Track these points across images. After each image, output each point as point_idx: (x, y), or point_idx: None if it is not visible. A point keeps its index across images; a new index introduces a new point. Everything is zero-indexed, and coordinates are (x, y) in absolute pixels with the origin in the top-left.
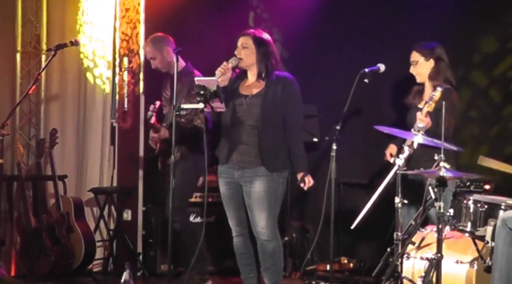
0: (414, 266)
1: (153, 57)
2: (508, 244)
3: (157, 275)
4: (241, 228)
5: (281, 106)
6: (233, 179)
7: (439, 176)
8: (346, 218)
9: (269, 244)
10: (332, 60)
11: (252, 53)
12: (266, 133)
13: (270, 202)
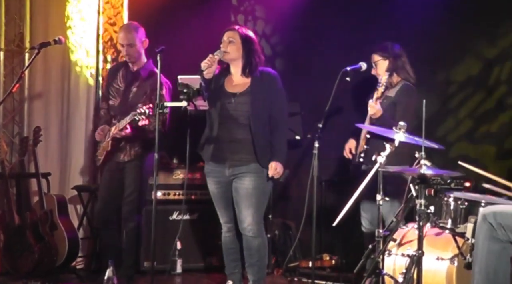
0: (395, 263)
1: (132, 44)
2: (489, 239)
3: (140, 272)
4: (232, 225)
5: (268, 102)
6: (223, 178)
7: (420, 173)
8: (328, 216)
9: (255, 240)
10: (314, 58)
11: (238, 48)
12: (257, 130)
13: (258, 199)
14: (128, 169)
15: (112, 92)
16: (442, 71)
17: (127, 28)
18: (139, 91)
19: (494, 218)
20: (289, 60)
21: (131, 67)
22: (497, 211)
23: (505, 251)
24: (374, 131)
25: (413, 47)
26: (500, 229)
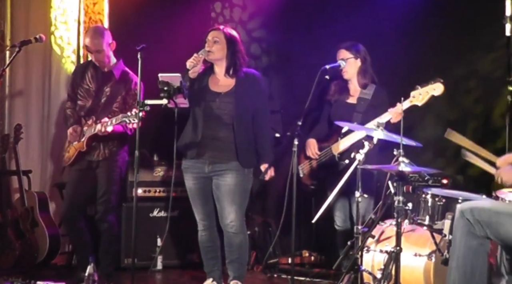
0: (373, 259)
1: (100, 50)
2: (466, 235)
3: (121, 268)
4: (208, 222)
5: (252, 103)
6: (202, 174)
7: (398, 170)
8: (307, 212)
9: (237, 237)
10: (295, 56)
11: (223, 48)
12: (240, 129)
13: (240, 196)
14: (102, 168)
15: (82, 92)
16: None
17: (93, 34)
18: (113, 92)
19: (472, 214)
20: (269, 58)
21: (101, 68)
22: (474, 207)
23: (482, 247)
24: (354, 128)
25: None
26: (477, 225)
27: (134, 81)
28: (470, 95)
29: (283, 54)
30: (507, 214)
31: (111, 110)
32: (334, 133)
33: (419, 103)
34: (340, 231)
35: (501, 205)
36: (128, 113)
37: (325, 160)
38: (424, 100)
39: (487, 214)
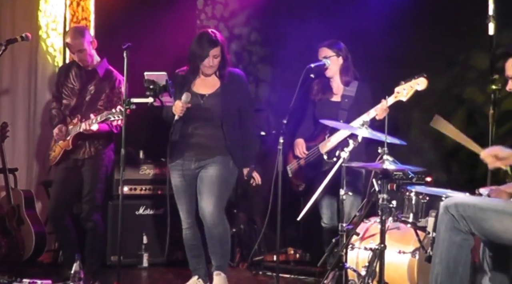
0: (358, 256)
1: (82, 49)
2: (450, 230)
3: (107, 266)
4: (191, 220)
5: (237, 102)
6: (189, 171)
7: (383, 168)
8: (293, 210)
9: (215, 229)
10: (275, 54)
11: (220, 60)
12: (229, 130)
13: (220, 187)
14: (87, 167)
15: (66, 91)
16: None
17: (73, 33)
18: (98, 90)
19: (456, 209)
20: (254, 56)
21: (85, 66)
22: (458, 202)
23: (466, 242)
24: (338, 127)
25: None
26: (462, 220)
27: (118, 79)
28: (453, 93)
29: (264, 52)
30: (492, 210)
31: (96, 108)
32: (321, 132)
33: (404, 98)
34: (327, 229)
35: (485, 201)
36: (112, 110)
37: (313, 159)
38: (408, 95)
39: (472, 210)
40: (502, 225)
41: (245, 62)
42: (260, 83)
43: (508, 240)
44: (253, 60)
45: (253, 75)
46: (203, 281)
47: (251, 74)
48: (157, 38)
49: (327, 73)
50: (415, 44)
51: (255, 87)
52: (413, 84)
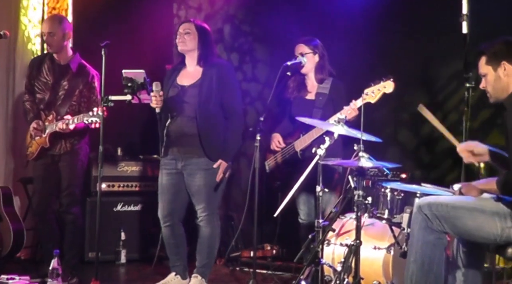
0: (334, 252)
1: (53, 33)
2: (424, 229)
3: (85, 262)
4: (169, 219)
5: (218, 93)
6: (176, 170)
7: (358, 165)
8: (270, 207)
9: (205, 229)
10: (250, 56)
11: (194, 39)
12: (204, 123)
13: (208, 194)
14: (64, 162)
15: (39, 85)
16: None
17: (51, 18)
18: (71, 86)
19: (429, 209)
20: (233, 54)
21: (57, 60)
22: (432, 202)
23: (439, 241)
24: (315, 124)
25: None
26: (435, 220)
27: (92, 74)
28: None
29: (238, 54)
30: (464, 208)
31: (70, 105)
32: (296, 130)
33: (372, 101)
34: (304, 225)
35: (458, 199)
36: (90, 112)
37: (289, 157)
38: (376, 98)
39: (445, 209)
40: (474, 222)
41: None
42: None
43: (480, 237)
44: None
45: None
46: (181, 278)
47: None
48: (134, 36)
49: (302, 69)
50: (391, 42)
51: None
52: (381, 87)
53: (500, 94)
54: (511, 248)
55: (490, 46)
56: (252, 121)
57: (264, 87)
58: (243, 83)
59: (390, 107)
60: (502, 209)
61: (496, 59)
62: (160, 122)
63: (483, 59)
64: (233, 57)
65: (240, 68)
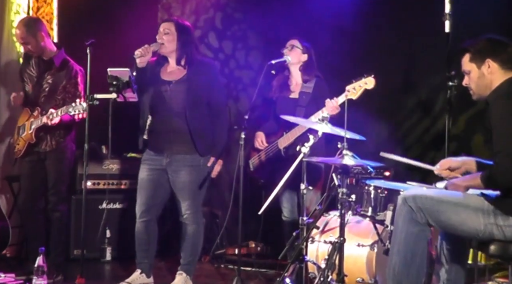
0: (318, 249)
1: (26, 42)
2: (408, 221)
3: (70, 260)
4: (146, 214)
5: (205, 91)
6: (159, 166)
7: (342, 163)
8: (255, 204)
9: (189, 227)
10: (251, 40)
11: (173, 40)
12: (194, 118)
13: (193, 191)
14: (50, 160)
15: (26, 78)
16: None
17: (19, 25)
18: (55, 81)
19: (414, 201)
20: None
21: (42, 56)
22: (417, 194)
23: (423, 233)
24: (299, 122)
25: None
26: (419, 212)
27: (75, 69)
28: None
29: (231, 42)
30: (449, 202)
31: (54, 100)
32: (280, 128)
33: (354, 97)
34: (287, 222)
35: (443, 193)
36: (72, 104)
37: (272, 155)
38: (357, 94)
39: (430, 202)
40: (458, 217)
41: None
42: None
43: (464, 232)
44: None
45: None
46: (146, 276)
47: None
48: (119, 35)
49: (289, 64)
50: (376, 40)
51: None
52: (362, 84)
53: (483, 91)
54: (493, 245)
55: (474, 43)
56: (244, 108)
57: (257, 74)
58: (236, 70)
59: (375, 104)
60: (485, 205)
61: (480, 56)
62: (142, 115)
63: (466, 56)
64: (226, 45)
65: (233, 55)
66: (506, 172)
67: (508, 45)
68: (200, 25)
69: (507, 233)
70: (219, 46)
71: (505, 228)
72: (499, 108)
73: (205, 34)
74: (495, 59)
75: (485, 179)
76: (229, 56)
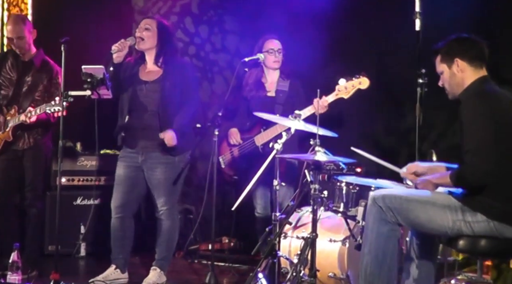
0: (290, 245)
1: (22, 37)
2: (378, 221)
3: (45, 255)
4: (121, 211)
5: (179, 91)
6: (135, 164)
7: (314, 160)
8: (228, 200)
9: (164, 223)
10: (227, 24)
11: (153, 37)
12: (167, 117)
13: (168, 188)
14: (28, 157)
15: (4, 81)
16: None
17: (15, 20)
18: (34, 81)
19: (384, 201)
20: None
21: (21, 57)
22: (386, 194)
23: (393, 233)
24: (272, 120)
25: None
26: (389, 212)
27: (56, 70)
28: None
29: (207, 26)
30: (417, 201)
31: (33, 99)
32: (256, 125)
33: (345, 96)
34: (260, 218)
35: (412, 192)
36: (51, 102)
37: (248, 151)
38: (350, 94)
39: (398, 201)
40: (427, 215)
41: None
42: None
43: (432, 229)
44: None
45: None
46: (120, 272)
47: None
48: (94, 32)
49: (269, 64)
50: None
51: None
52: (355, 84)
53: (456, 90)
54: (462, 241)
55: (443, 44)
56: (220, 89)
57: (233, 57)
58: (211, 53)
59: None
60: (453, 202)
61: (449, 56)
62: (121, 113)
63: (438, 58)
64: (202, 29)
65: (209, 39)
66: (475, 171)
67: (475, 43)
68: (176, 11)
69: (475, 229)
70: (195, 30)
71: (473, 224)
72: (470, 108)
73: (181, 19)
74: (463, 57)
75: (455, 177)
76: (205, 39)
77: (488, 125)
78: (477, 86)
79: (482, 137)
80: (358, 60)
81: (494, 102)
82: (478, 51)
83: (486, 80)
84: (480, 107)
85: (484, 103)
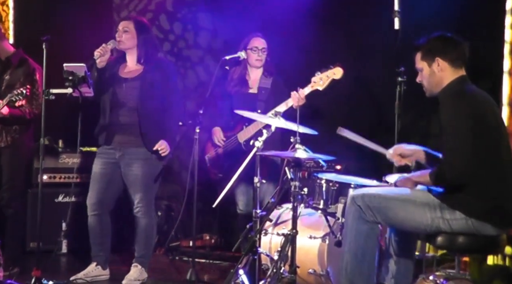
0: (271, 241)
1: None
2: (357, 220)
3: (26, 252)
4: (97, 208)
5: (159, 88)
6: (112, 160)
7: (295, 157)
8: (210, 198)
9: (142, 220)
10: (200, 21)
11: (133, 37)
12: (146, 114)
13: (146, 184)
14: (5, 155)
15: None
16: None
17: None
18: (12, 78)
19: (362, 200)
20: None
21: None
22: (365, 193)
23: (372, 231)
24: (251, 117)
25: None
26: (368, 211)
27: (33, 67)
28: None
29: (181, 23)
30: (396, 199)
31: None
32: (238, 122)
33: (321, 88)
34: (242, 215)
35: (391, 191)
36: (14, 91)
37: (231, 149)
38: (325, 85)
39: (377, 200)
40: (405, 213)
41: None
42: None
43: (411, 227)
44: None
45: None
46: (101, 268)
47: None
48: (75, 30)
49: (252, 62)
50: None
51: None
52: (330, 74)
53: (435, 88)
54: (440, 237)
55: (425, 42)
56: (192, 84)
57: (205, 53)
58: (184, 50)
59: (326, 100)
60: (432, 200)
61: (431, 54)
62: (103, 111)
63: (418, 54)
64: (176, 27)
65: (182, 35)
66: (454, 170)
67: (458, 43)
68: (151, 8)
69: (453, 226)
70: (169, 28)
71: (452, 221)
72: (448, 107)
73: (156, 17)
74: (444, 57)
75: (434, 176)
76: (178, 36)
77: (466, 124)
78: (456, 86)
79: (460, 136)
80: (338, 58)
81: (472, 101)
82: (460, 52)
83: (465, 80)
84: (458, 106)
85: (462, 103)
